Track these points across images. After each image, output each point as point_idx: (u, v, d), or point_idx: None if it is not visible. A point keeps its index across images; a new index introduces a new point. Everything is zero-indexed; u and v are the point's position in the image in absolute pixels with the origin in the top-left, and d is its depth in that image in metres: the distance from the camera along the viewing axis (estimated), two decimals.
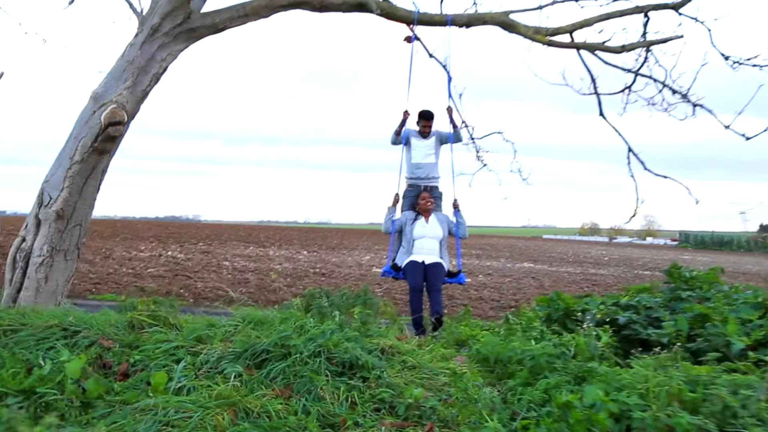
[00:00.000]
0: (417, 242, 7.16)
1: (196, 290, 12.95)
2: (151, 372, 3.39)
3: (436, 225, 7.22)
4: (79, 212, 5.17)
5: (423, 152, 7.40)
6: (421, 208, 7.27)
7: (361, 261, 23.68)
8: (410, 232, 7.18)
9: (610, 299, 6.54)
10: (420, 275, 6.93)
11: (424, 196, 7.26)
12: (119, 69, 5.21)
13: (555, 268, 27.02)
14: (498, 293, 15.55)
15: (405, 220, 7.24)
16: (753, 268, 33.50)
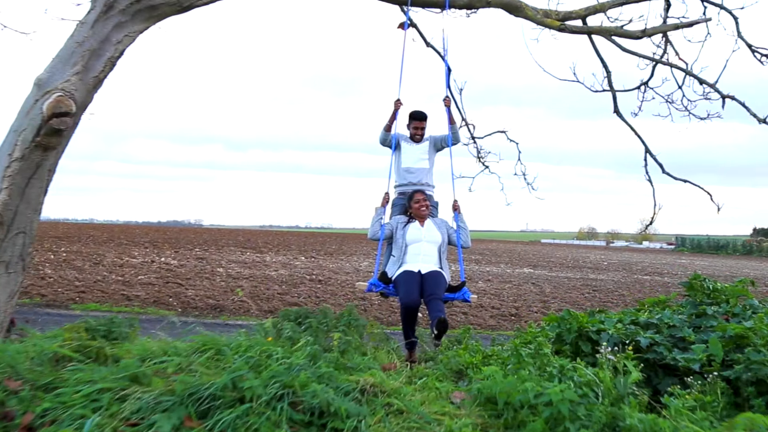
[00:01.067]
0: (411, 248, 5.92)
1: (186, 298, 12.56)
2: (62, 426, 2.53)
3: (433, 229, 6.04)
4: (22, 218, 4.42)
5: (415, 156, 6.37)
6: (414, 213, 6.08)
7: (359, 267, 23.28)
8: (402, 236, 5.95)
9: (626, 316, 5.82)
10: (415, 288, 5.54)
11: (419, 198, 6.05)
12: (67, 52, 4.49)
13: (555, 273, 26.63)
14: (498, 300, 15.16)
15: (396, 225, 6.04)
16: (757, 272, 33.08)
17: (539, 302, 15.27)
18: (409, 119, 6.46)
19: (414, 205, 6.10)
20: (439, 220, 6.24)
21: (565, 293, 17.84)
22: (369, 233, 6.10)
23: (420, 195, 6.14)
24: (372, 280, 5.85)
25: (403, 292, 5.57)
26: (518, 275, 24.06)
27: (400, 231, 6.04)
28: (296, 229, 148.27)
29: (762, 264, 44.61)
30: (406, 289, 5.58)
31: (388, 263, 6.07)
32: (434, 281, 5.69)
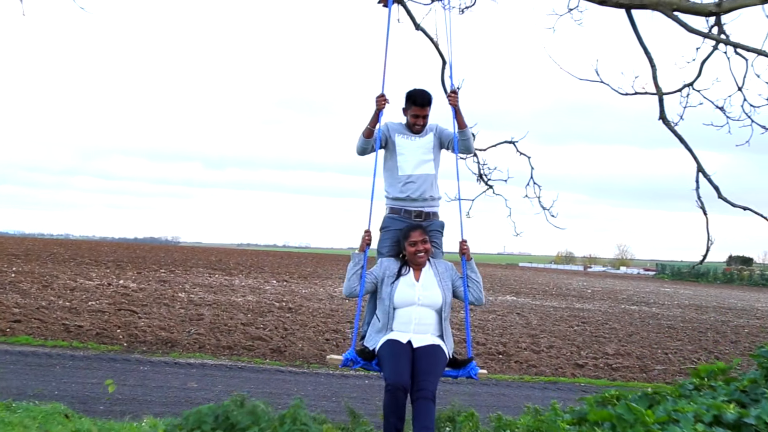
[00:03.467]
0: (401, 312, 4.34)
1: (136, 329, 11.16)
2: None
3: (433, 284, 4.40)
4: None
5: (415, 156, 4.56)
6: (410, 260, 4.42)
7: (334, 293, 21.97)
8: (390, 294, 4.36)
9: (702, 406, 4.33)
10: (405, 365, 4.11)
11: (416, 239, 4.36)
12: None
13: (539, 301, 25.56)
14: (483, 334, 13.96)
15: (382, 275, 4.42)
16: (744, 303, 32.34)
17: (527, 336, 14.10)
18: (407, 103, 4.60)
19: (409, 248, 4.36)
20: (443, 265, 4.51)
21: (553, 325, 16.71)
22: (344, 289, 4.48)
23: (419, 234, 4.36)
24: (349, 351, 4.35)
25: (389, 370, 4.08)
26: (501, 303, 22.92)
27: (386, 287, 4.37)
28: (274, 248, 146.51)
29: (746, 293, 44.04)
30: (392, 365, 4.08)
31: (371, 326, 4.46)
32: (429, 361, 4.12)
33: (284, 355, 10.10)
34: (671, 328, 17.95)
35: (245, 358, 9.69)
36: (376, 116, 4.58)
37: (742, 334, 17.58)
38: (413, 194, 4.56)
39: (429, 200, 4.62)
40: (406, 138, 4.61)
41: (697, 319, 21.33)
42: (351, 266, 4.43)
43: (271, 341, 11.05)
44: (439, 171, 4.68)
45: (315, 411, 6.88)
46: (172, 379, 8.08)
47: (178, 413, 6.43)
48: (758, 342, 16.00)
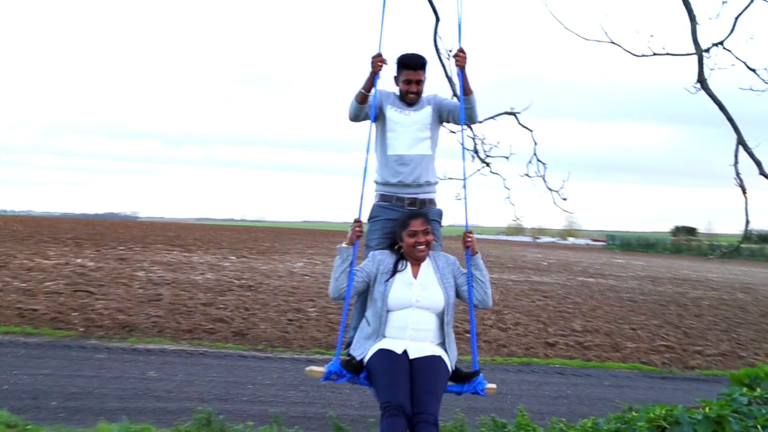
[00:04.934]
0: (396, 316, 3.71)
1: (93, 312, 10.74)
2: None
3: (433, 282, 3.77)
4: None
5: (410, 135, 3.97)
6: (408, 253, 3.79)
7: (293, 268, 21.69)
8: (383, 294, 3.70)
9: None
10: (402, 381, 3.46)
11: (416, 228, 3.74)
12: None
13: (497, 275, 25.70)
14: None
15: (375, 271, 3.77)
16: (703, 274, 33.22)
17: (491, 312, 14.11)
18: (398, 69, 4.02)
19: (408, 239, 3.73)
20: (444, 258, 3.88)
21: (515, 300, 16.80)
22: (330, 289, 3.82)
23: (420, 223, 3.74)
24: (332, 363, 3.72)
25: (383, 387, 3.46)
26: None
27: (380, 285, 3.70)
28: (231, 222, 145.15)
29: (696, 264, 45.29)
30: (387, 381, 3.45)
31: (358, 331, 3.84)
32: (428, 378, 3.48)
33: (246, 338, 9.85)
34: (632, 301, 18.25)
35: (206, 343, 9.41)
36: (371, 79, 3.94)
37: (704, 307, 17.97)
38: (406, 179, 3.96)
39: (425, 186, 4.02)
40: (398, 111, 4.00)
41: (654, 291, 21.76)
42: (338, 263, 3.76)
43: (232, 323, 10.77)
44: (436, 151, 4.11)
45: (283, 403, 6.71)
46: (130, 368, 7.76)
47: (136, 408, 6.16)
48: (720, 314, 16.41)
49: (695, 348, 11.85)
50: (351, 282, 3.74)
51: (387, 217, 3.92)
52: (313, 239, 48.12)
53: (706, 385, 9.53)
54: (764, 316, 16.82)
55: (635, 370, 10.07)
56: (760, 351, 11.97)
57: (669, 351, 11.44)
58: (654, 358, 10.80)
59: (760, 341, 13.01)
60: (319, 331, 10.67)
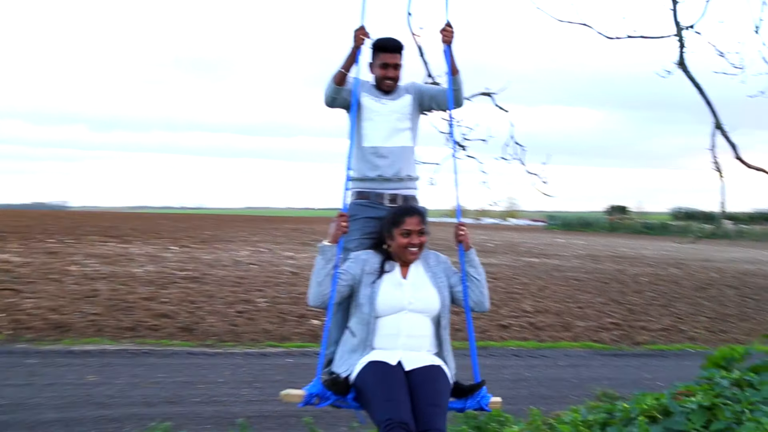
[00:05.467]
0: (386, 322, 3.24)
1: (21, 313, 10.04)
2: None
3: (425, 283, 3.35)
4: None
5: (388, 124, 3.59)
6: (397, 254, 3.34)
7: (238, 257, 21.12)
8: (371, 298, 3.24)
9: None
10: (402, 394, 2.99)
11: (411, 230, 3.31)
12: None
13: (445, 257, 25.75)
14: None
15: (360, 273, 3.29)
16: (638, 251, 34.20)
17: None
18: (373, 53, 3.65)
19: (400, 239, 3.29)
20: (434, 257, 3.47)
21: None
22: (310, 296, 3.28)
23: (416, 221, 3.32)
24: (313, 384, 3.18)
25: (383, 405, 2.93)
26: None
27: (365, 287, 3.25)
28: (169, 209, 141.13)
29: (631, 241, 46.71)
30: (385, 396, 2.95)
31: (340, 344, 3.33)
32: (430, 390, 3.04)
33: (194, 333, 9.39)
34: (576, 280, 18.53)
35: (150, 340, 8.90)
36: (353, 56, 3.52)
37: (643, 283, 18.41)
38: (386, 172, 3.55)
39: (406, 180, 3.63)
40: (375, 100, 3.61)
41: (596, 269, 22.20)
42: (320, 264, 3.23)
43: (177, 318, 10.27)
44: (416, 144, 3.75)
45: (238, 402, 6.36)
46: (66, 372, 7.19)
47: (75, 418, 5.70)
48: (659, 290, 16.84)
49: (640, 324, 12.08)
50: (335, 286, 3.23)
51: (366, 215, 3.49)
52: (257, 226, 47.28)
53: (654, 360, 9.70)
54: (697, 290, 17.36)
55: (587, 348, 10.13)
56: (698, 324, 12.29)
57: (616, 328, 11.61)
58: (603, 336, 10.92)
59: (697, 314, 13.38)
60: (271, 322, 10.30)
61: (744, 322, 12.63)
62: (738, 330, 11.73)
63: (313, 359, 8.30)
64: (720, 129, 5.42)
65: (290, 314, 11.04)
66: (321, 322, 10.60)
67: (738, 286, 18.58)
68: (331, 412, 6.02)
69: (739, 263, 27.18)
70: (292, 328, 9.99)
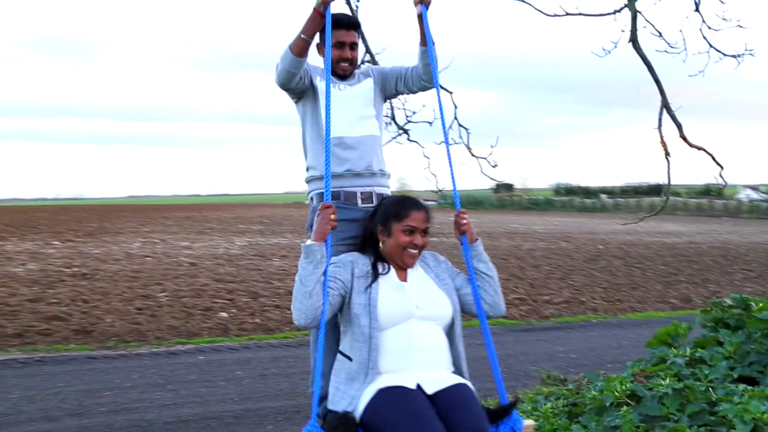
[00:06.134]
0: (392, 335, 2.65)
1: None
2: None
3: (429, 284, 2.85)
4: None
5: (351, 111, 3.10)
6: (391, 254, 2.83)
7: (130, 250, 19.98)
8: (367, 306, 2.65)
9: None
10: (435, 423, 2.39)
11: (416, 227, 2.81)
12: None
13: None
14: None
15: (350, 278, 2.71)
16: (529, 227, 35.54)
17: None
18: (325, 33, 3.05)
19: (402, 237, 2.77)
20: (432, 257, 2.98)
21: None
22: (298, 312, 2.55)
23: (422, 217, 2.82)
24: (310, 425, 2.50)
25: None
26: None
27: (358, 295, 2.66)
28: (44, 201, 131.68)
29: (520, 217, 48.61)
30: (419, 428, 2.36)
31: (332, 375, 2.73)
32: (466, 411, 2.47)
33: (92, 335, 8.70)
34: None
35: (42, 347, 8.15)
36: (318, 19, 2.93)
37: (538, 258, 19.14)
38: (356, 166, 3.05)
39: (379, 175, 3.16)
40: (333, 86, 3.06)
41: (492, 245, 22.83)
42: (308, 269, 2.54)
43: (71, 319, 9.50)
44: None
45: (152, 408, 5.91)
46: None
47: None
48: (554, 263, 17.54)
49: (543, 298, 12.49)
50: (327, 297, 2.58)
51: (339, 218, 2.86)
52: (145, 216, 45.04)
53: (562, 333, 10.02)
54: (588, 261, 18.28)
55: (499, 325, 10.30)
56: (595, 295, 12.88)
57: (523, 303, 11.93)
58: (513, 312, 11.17)
59: (593, 285, 14.04)
60: (176, 317, 9.74)
61: (635, 290, 13.38)
62: (632, 298, 12.39)
63: (227, 355, 8.09)
64: (667, 108, 5.50)
65: (195, 308, 10.52)
66: (230, 315, 10.25)
67: (623, 256, 19.73)
68: (261, 411, 5.79)
69: (620, 234, 28.91)
70: (200, 323, 9.50)
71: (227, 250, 20.25)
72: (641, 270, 16.56)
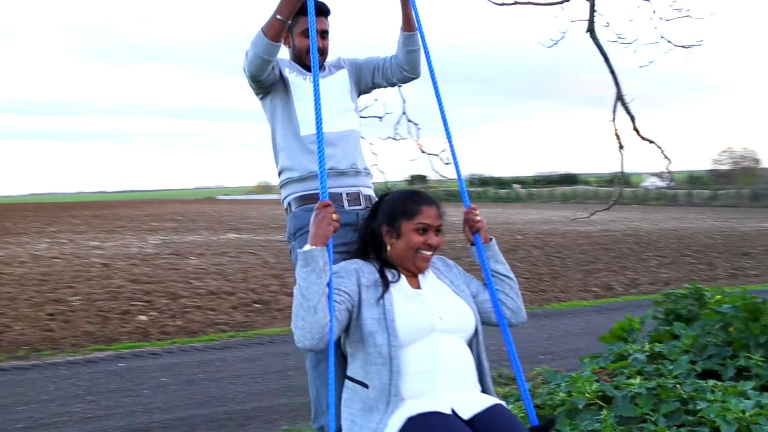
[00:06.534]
0: (413, 353, 2.26)
1: None
2: None
3: (446, 292, 2.47)
4: None
5: (329, 103, 2.69)
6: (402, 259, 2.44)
7: (36, 251, 18.80)
8: (382, 320, 2.25)
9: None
10: None
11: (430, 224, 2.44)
12: None
13: (263, 236, 25.19)
14: (227, 281, 13.04)
15: (356, 288, 2.31)
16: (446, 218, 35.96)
17: (272, 277, 13.59)
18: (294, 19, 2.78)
19: (415, 237, 2.42)
20: (442, 262, 2.63)
21: (289, 262, 16.41)
22: (301, 331, 2.16)
23: (435, 213, 2.48)
24: None
25: None
26: (227, 243, 21.99)
27: (369, 308, 2.30)
28: None
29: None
30: None
31: (343, 406, 2.34)
32: None
33: (0, 345, 8.08)
34: None
35: None
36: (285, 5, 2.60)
37: (458, 249, 19.34)
38: (340, 163, 2.76)
39: (363, 174, 2.89)
40: (303, 77, 2.82)
41: None
42: (309, 280, 2.16)
43: None
44: None
45: (72, 422, 5.51)
46: None
47: None
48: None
49: None
50: (332, 312, 2.20)
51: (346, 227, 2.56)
52: (49, 215, 42.66)
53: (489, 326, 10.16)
54: (508, 252, 18.62)
55: None
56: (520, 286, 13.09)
57: None
58: None
59: (516, 276, 14.30)
60: (91, 323, 9.18)
61: (557, 280, 13.74)
62: (555, 288, 12.70)
63: (149, 361, 7.70)
64: (621, 100, 5.50)
65: (112, 311, 9.97)
66: (150, 318, 9.79)
67: (541, 246, 20.28)
68: (191, 420, 5.50)
69: (536, 224, 29.79)
70: (118, 327, 9.01)
71: (141, 249, 19.42)
72: (560, 259, 17.05)
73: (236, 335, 8.78)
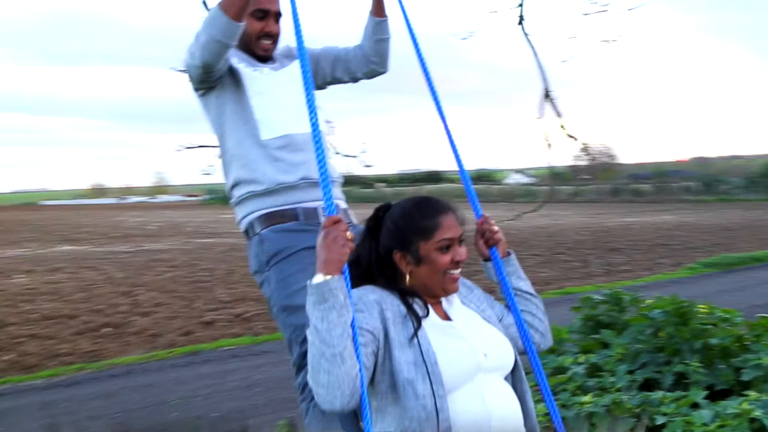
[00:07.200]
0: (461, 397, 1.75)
1: None
2: None
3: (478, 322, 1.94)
4: None
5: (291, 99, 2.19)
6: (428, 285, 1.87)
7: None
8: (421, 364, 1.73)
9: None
10: None
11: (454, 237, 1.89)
12: None
13: (105, 248, 23.04)
14: (66, 303, 11.39)
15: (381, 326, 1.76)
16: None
17: (120, 295, 12.13)
18: None
19: (440, 257, 1.86)
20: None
21: (140, 275, 14.94)
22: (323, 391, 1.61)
23: (455, 225, 1.89)
24: None
25: None
26: (62, 257, 19.73)
27: (401, 349, 1.73)
28: None
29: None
30: None
31: None
32: None
33: None
34: None
35: None
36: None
37: None
38: (313, 173, 2.23)
39: (337, 184, 2.47)
40: (255, 69, 2.34)
41: None
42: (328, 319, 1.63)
43: None
44: None
45: None
46: None
47: None
48: None
49: None
50: (360, 358, 1.67)
51: (307, 245, 2.10)
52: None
53: None
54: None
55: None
56: None
57: None
58: None
59: None
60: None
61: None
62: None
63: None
64: (548, 96, 5.35)
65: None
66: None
67: None
68: None
69: None
70: None
71: None
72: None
73: (84, 367, 7.51)
